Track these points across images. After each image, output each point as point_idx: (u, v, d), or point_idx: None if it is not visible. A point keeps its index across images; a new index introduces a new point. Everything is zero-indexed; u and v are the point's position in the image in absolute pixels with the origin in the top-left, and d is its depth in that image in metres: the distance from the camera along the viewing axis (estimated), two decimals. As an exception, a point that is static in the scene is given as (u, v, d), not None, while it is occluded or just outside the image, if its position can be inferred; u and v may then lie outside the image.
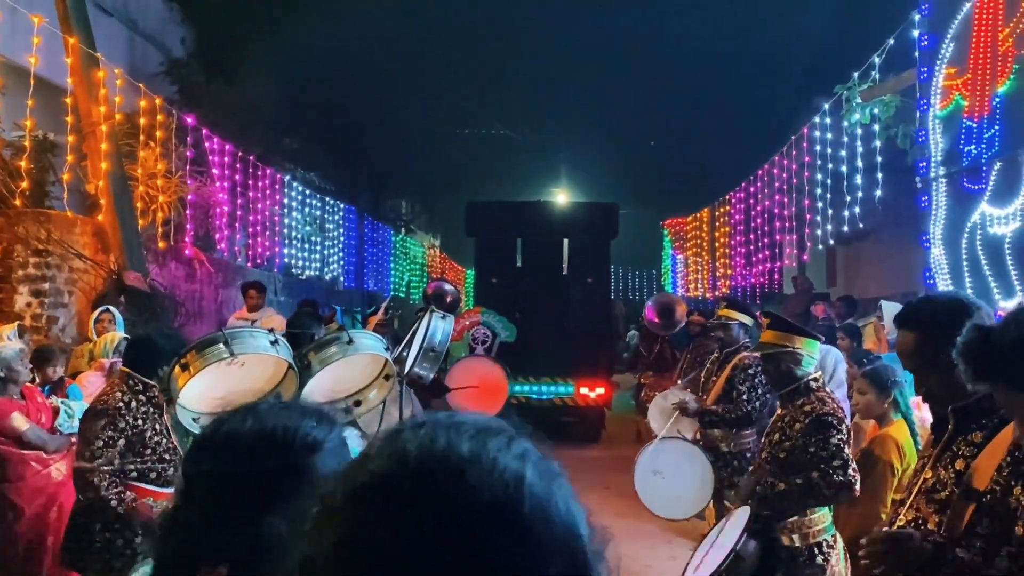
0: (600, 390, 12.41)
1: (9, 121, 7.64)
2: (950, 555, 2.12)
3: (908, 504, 2.46)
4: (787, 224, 11.93)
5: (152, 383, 3.93)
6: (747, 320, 6.21)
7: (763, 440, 3.95)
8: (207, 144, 9.56)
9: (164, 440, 3.98)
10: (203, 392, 3.25)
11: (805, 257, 11.53)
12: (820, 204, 9.34)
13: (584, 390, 12.36)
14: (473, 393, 9.89)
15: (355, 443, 4.26)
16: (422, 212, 28.22)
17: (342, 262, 16.76)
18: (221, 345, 3.08)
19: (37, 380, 5.00)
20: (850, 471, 3.51)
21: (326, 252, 15.70)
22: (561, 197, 24.38)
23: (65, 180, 7.30)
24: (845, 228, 8.84)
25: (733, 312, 6.26)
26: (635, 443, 12.36)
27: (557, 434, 12.87)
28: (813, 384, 3.75)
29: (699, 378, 8.23)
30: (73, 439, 4.83)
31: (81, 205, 7.83)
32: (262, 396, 3.40)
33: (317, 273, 15.35)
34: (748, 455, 5.69)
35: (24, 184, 6.78)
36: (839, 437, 3.57)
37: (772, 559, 3.64)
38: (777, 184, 11.54)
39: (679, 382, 8.65)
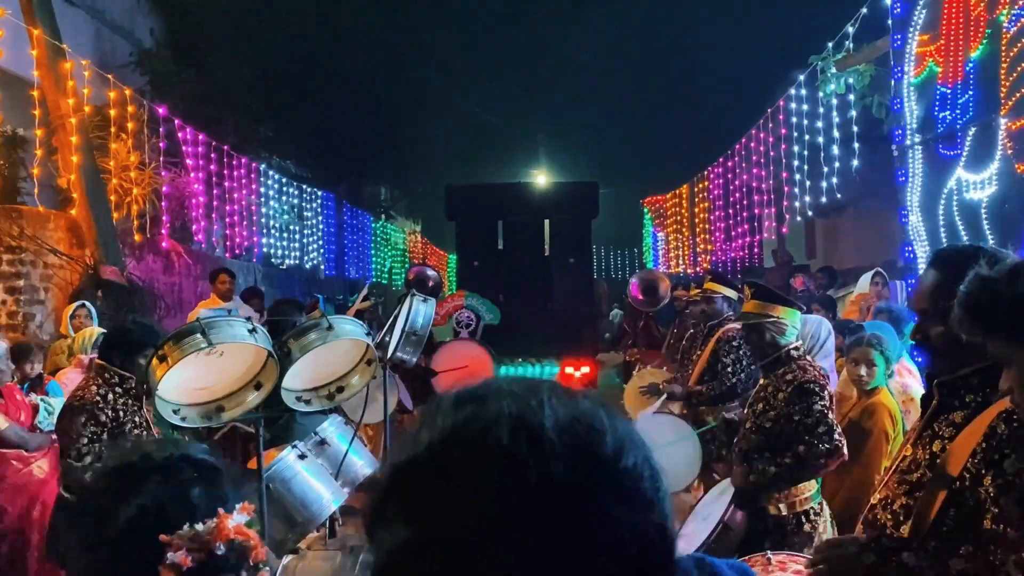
0: (585, 369, 12.41)
1: (-25, 117, 7.51)
2: (895, 560, 2.01)
3: (883, 482, 2.41)
4: (766, 197, 11.96)
5: (128, 375, 3.87)
6: (731, 294, 6.22)
7: (746, 410, 3.96)
8: (180, 135, 9.43)
9: (145, 433, 3.94)
10: (183, 383, 3.21)
11: (784, 230, 11.57)
12: (798, 176, 9.35)
13: (569, 370, 12.36)
14: (460, 376, 9.90)
15: (339, 429, 4.20)
16: (401, 198, 28.06)
17: (322, 250, 16.63)
18: (199, 335, 3.03)
19: (16, 378, 4.92)
20: (835, 436, 3.52)
21: (305, 240, 15.58)
22: (541, 178, 24.30)
23: (36, 175, 7.18)
24: (823, 200, 8.87)
25: (717, 285, 6.27)
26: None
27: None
28: (794, 353, 3.76)
29: (676, 352, 8.28)
30: (54, 437, 4.78)
31: (53, 200, 7.71)
32: (243, 385, 3.37)
33: (297, 262, 15.23)
34: (734, 427, 5.70)
35: (-7, 180, 6.69)
36: (822, 404, 3.58)
37: (760, 528, 3.65)
38: (755, 157, 11.53)
39: (651, 364, 8.68)
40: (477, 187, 13.34)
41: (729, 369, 5.73)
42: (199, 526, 1.15)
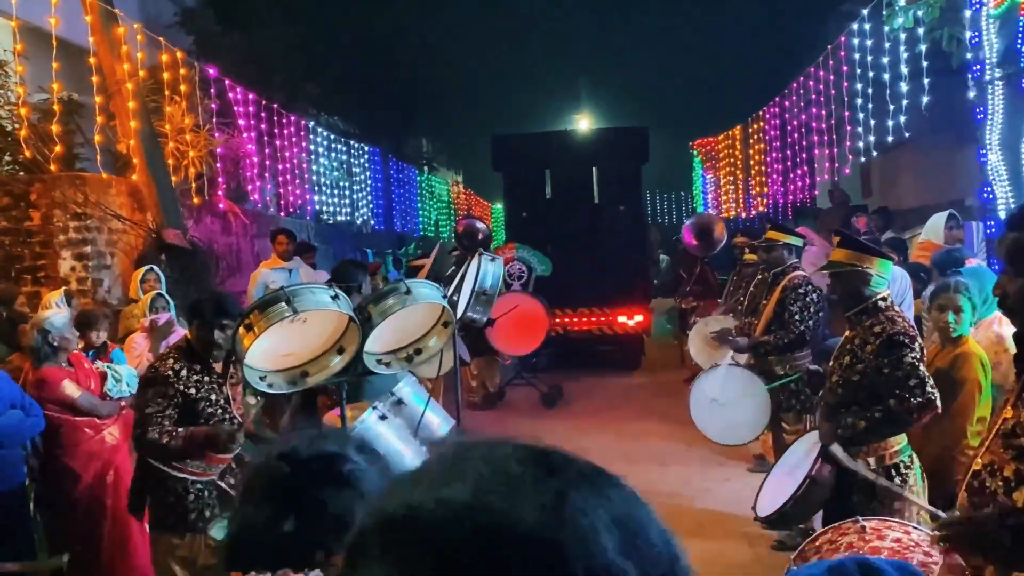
0: (639, 317, 12.39)
1: (33, 85, 7.58)
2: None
3: (985, 446, 2.34)
4: (826, 137, 11.60)
5: (208, 354, 3.84)
6: (795, 241, 6.09)
7: (831, 364, 3.88)
8: (230, 95, 9.45)
9: (219, 411, 3.89)
10: (268, 351, 3.24)
11: (847, 170, 11.23)
12: (861, 114, 9.03)
13: (622, 318, 12.35)
14: (514, 329, 9.91)
15: (414, 389, 4.21)
16: (443, 149, 27.97)
17: (371, 205, 16.67)
18: (283, 304, 3.04)
19: (81, 345, 5.01)
20: (928, 388, 3.44)
21: (355, 196, 15.62)
22: (584, 123, 23.99)
23: (96, 142, 7.25)
24: (889, 138, 8.57)
25: (779, 234, 6.13)
26: (679, 368, 12.40)
27: (597, 363, 12.93)
28: (882, 304, 3.65)
29: (740, 302, 8.15)
30: (123, 403, 4.87)
31: (112, 166, 7.80)
32: (326, 350, 3.39)
33: (348, 218, 15.30)
34: (804, 376, 5.63)
35: (57, 148, 6.75)
36: (912, 356, 3.50)
37: (848, 483, 3.60)
38: (814, 96, 11.17)
39: (716, 311, 8.58)
40: (524, 136, 13.19)
41: (796, 317, 5.65)
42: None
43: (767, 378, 5.77)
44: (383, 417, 3.72)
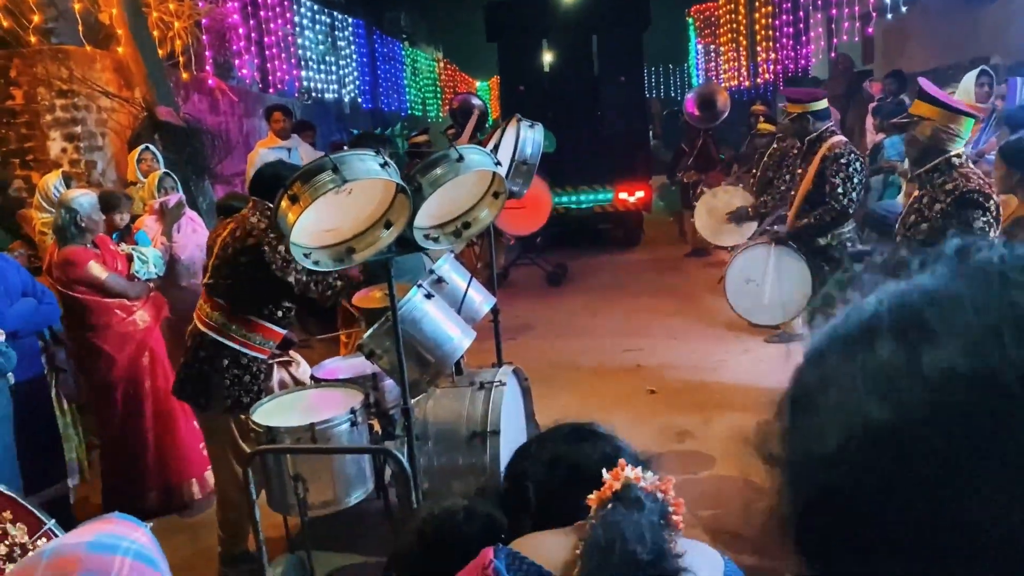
0: (640, 193, 12.16)
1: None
2: None
3: None
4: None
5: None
6: (817, 105, 5.62)
7: (897, 226, 3.71)
8: (211, -40, 8.78)
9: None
10: (310, 225, 2.99)
11: (869, 30, 10.75)
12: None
13: (623, 195, 12.12)
14: (517, 209, 9.64)
15: (454, 267, 4.00)
16: (423, 22, 26.76)
17: (357, 82, 15.97)
18: (329, 172, 2.78)
19: (104, 229, 4.77)
20: None
21: (341, 72, 14.92)
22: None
23: (77, 10, 6.70)
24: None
25: (797, 107, 5.67)
26: (678, 244, 12.29)
27: (597, 241, 12.79)
28: (956, 161, 3.45)
29: (753, 172, 7.91)
30: (152, 285, 4.69)
31: (93, 39, 7.25)
32: (372, 224, 3.15)
33: (335, 96, 14.67)
34: (848, 245, 5.39)
35: (36, 18, 6.23)
36: (984, 219, 3.32)
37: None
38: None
39: (724, 183, 8.35)
40: (519, 3, 12.50)
41: (840, 190, 5.24)
42: None
43: (806, 249, 5.53)
44: (428, 296, 3.54)
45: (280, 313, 3.87)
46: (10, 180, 5.59)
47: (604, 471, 1.37)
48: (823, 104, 5.67)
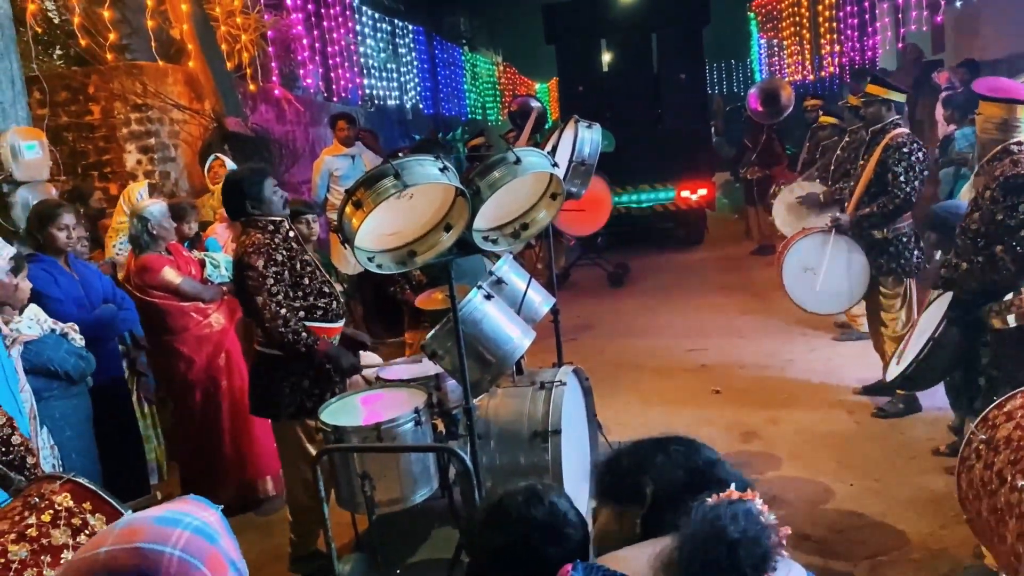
0: (702, 191, 12.03)
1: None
2: None
3: None
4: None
5: (277, 218, 3.84)
6: (898, 97, 5.60)
7: (964, 219, 3.62)
8: (274, -28, 9.02)
9: (317, 272, 3.94)
10: (373, 230, 3.07)
11: (939, 18, 10.43)
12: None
13: (686, 192, 12.01)
14: (576, 209, 9.63)
15: (513, 268, 4.02)
16: (482, 27, 26.95)
17: (419, 88, 16.17)
18: (391, 178, 2.85)
19: (175, 236, 4.96)
20: None
21: (403, 79, 15.14)
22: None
23: (150, 27, 6.97)
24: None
25: (880, 88, 5.66)
26: (743, 241, 12.11)
27: (659, 241, 12.69)
28: (1014, 148, 3.35)
29: (828, 165, 7.75)
30: (225, 288, 4.85)
31: (166, 54, 7.53)
32: (432, 228, 3.21)
33: (397, 103, 14.88)
34: (904, 239, 5.33)
35: (112, 36, 6.51)
36: None
37: (981, 344, 3.41)
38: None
39: (800, 178, 8.19)
40: (576, 4, 12.50)
41: (902, 179, 5.21)
42: None
43: (864, 243, 5.47)
44: (488, 296, 3.59)
45: (319, 312, 3.89)
46: (90, 192, 5.84)
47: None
48: (902, 97, 5.63)
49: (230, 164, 6.17)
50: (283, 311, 3.70)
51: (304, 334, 3.73)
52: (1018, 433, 2.30)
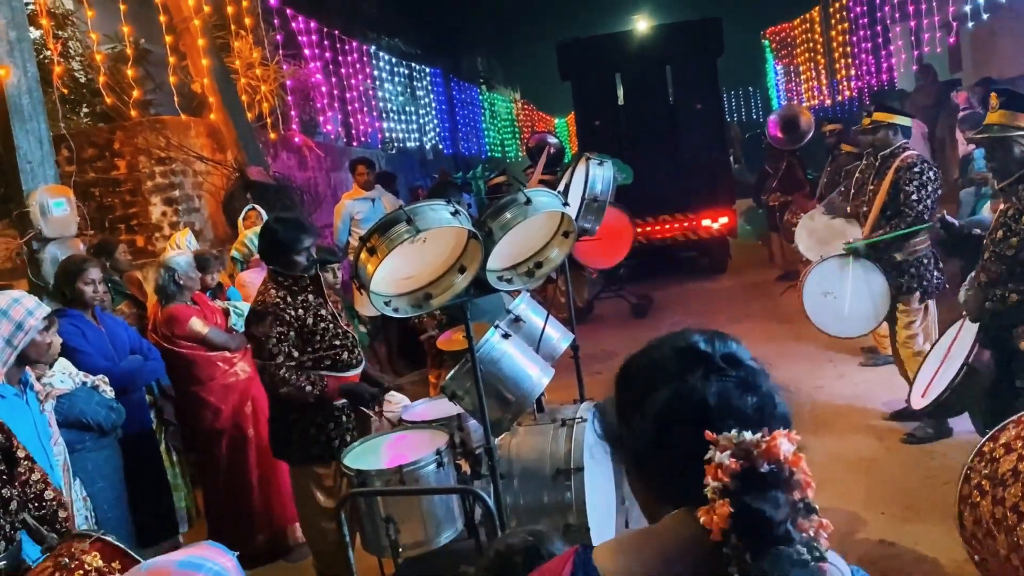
0: (723, 219, 12.01)
1: (100, 36, 7.50)
2: None
3: None
4: (923, 6, 10.75)
5: (300, 275, 3.91)
6: (904, 121, 5.64)
7: (984, 240, 3.59)
8: (293, 25, 9.25)
9: (331, 326, 3.97)
10: (388, 274, 3.12)
11: (952, 39, 10.43)
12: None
13: (706, 221, 11.99)
14: (597, 241, 9.63)
15: (531, 305, 4.05)
16: (499, 66, 27.31)
17: (437, 129, 16.40)
18: (404, 223, 2.90)
19: (199, 286, 5.05)
20: None
21: (421, 121, 15.37)
22: (643, 24, 23.00)
23: (172, 83, 7.17)
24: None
25: (886, 114, 5.68)
26: (767, 268, 12.04)
27: (682, 270, 12.66)
28: (1039, 170, 3.34)
29: (849, 189, 7.72)
30: (248, 337, 4.92)
31: (188, 107, 7.74)
32: (447, 270, 3.26)
33: (416, 144, 15.10)
34: (924, 259, 5.32)
35: (136, 93, 6.70)
36: None
37: (1010, 368, 3.36)
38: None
39: (820, 204, 8.16)
40: (590, 40, 12.64)
41: (914, 197, 5.24)
42: (747, 434, 1.02)
43: (883, 266, 5.45)
44: (506, 335, 3.61)
45: (328, 362, 3.94)
46: (115, 246, 5.98)
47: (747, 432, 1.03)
48: (909, 121, 5.67)
49: (263, 213, 6.31)
50: (283, 371, 3.78)
51: (309, 387, 3.79)
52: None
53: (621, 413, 1.27)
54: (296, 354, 3.85)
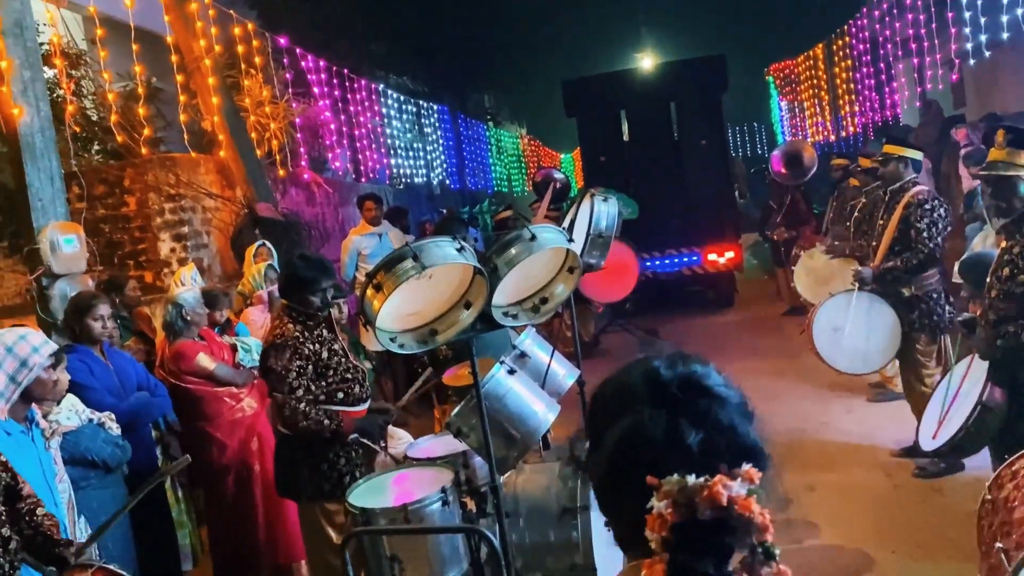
0: (729, 254, 12.02)
1: (113, 74, 7.63)
2: None
3: None
4: (926, 44, 10.86)
5: (314, 311, 3.95)
6: (914, 155, 5.66)
7: (989, 279, 3.59)
8: (302, 64, 9.39)
9: (343, 360, 4.00)
10: (394, 310, 3.13)
11: (955, 76, 10.51)
12: (968, 13, 8.36)
13: (712, 256, 12.00)
14: (603, 275, 9.64)
15: (536, 341, 4.04)
16: (506, 103, 27.59)
17: (445, 164, 16.55)
18: (409, 260, 2.92)
19: (207, 322, 5.07)
20: None
21: (429, 157, 15.52)
22: (647, 62, 23.27)
23: (182, 121, 7.27)
24: (1005, 35, 7.92)
25: (897, 147, 5.72)
26: (774, 302, 12.03)
27: (689, 304, 12.64)
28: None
29: (850, 227, 7.74)
30: (255, 372, 4.93)
31: (198, 145, 7.83)
32: (452, 306, 3.26)
33: (424, 179, 15.22)
34: (934, 295, 5.30)
35: (146, 131, 6.79)
36: None
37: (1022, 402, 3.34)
38: (908, 1, 10.44)
39: (828, 238, 8.18)
40: (595, 78, 12.80)
41: (925, 235, 5.24)
42: (690, 478, 0.93)
43: (892, 301, 5.44)
44: (511, 371, 3.60)
45: (340, 395, 3.94)
46: (124, 282, 6.02)
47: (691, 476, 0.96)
48: (919, 155, 5.69)
49: (274, 250, 6.36)
50: (303, 405, 3.77)
51: (326, 421, 3.79)
52: (1015, 494, 2.26)
53: (590, 446, 1.21)
54: (313, 388, 3.86)
